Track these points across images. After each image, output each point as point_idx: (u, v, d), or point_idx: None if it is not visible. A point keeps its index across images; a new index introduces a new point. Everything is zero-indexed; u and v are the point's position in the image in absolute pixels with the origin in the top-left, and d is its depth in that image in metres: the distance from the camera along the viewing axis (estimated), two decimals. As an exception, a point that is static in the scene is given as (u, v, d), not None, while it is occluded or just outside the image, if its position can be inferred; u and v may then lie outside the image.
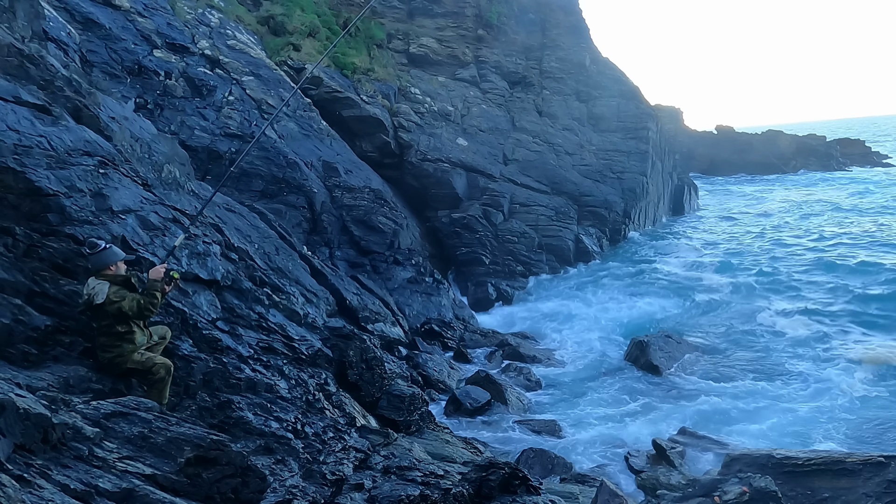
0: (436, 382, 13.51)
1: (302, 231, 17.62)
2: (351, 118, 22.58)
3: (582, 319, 18.24)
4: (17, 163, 6.42)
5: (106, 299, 5.56)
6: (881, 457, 7.59)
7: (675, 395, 12.79)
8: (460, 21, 28.87)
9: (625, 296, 20.24)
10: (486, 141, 26.17)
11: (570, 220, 25.24)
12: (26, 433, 3.60)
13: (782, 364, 14.06)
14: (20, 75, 7.81)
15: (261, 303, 8.60)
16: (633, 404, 12.47)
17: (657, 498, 7.69)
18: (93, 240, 5.93)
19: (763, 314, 17.53)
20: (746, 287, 20.48)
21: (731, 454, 8.51)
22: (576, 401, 12.98)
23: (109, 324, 5.66)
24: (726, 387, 13.04)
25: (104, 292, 5.58)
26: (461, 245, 22.46)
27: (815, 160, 57.07)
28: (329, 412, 7.70)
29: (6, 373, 4.80)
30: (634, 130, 30.14)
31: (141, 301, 5.71)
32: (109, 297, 5.58)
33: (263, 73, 20.68)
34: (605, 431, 11.31)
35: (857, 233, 27.96)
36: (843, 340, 15.33)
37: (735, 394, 12.63)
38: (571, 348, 16.23)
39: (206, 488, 4.38)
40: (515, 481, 6.62)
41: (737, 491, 6.95)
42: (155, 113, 16.96)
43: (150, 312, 5.77)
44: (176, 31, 19.10)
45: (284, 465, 6.23)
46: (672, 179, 37.53)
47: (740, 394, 12.60)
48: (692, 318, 17.80)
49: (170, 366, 5.92)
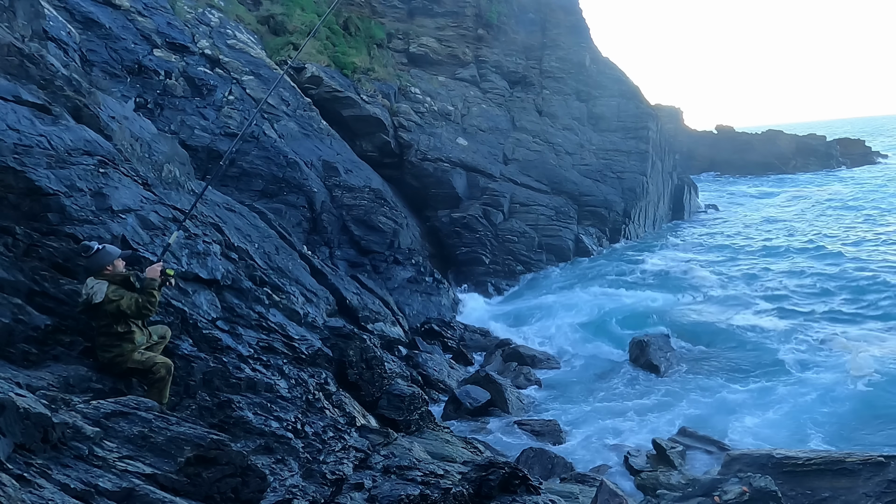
0: (436, 382, 13.52)
1: (302, 231, 17.63)
2: (351, 118, 22.58)
3: (576, 314, 18.19)
4: (17, 162, 6.41)
5: (104, 298, 5.57)
6: (881, 457, 7.59)
7: (676, 395, 12.77)
8: (460, 21, 28.86)
9: (615, 291, 20.22)
10: (485, 140, 26.18)
11: (570, 220, 25.25)
12: (26, 433, 3.60)
13: (781, 362, 14.06)
14: (20, 75, 7.81)
15: (261, 302, 8.60)
16: (632, 403, 12.46)
17: (657, 498, 7.69)
18: (86, 243, 5.88)
19: (754, 314, 17.47)
20: (739, 285, 20.49)
21: (731, 454, 8.50)
22: (575, 400, 12.98)
23: (108, 323, 5.66)
24: (728, 385, 13.03)
25: (102, 291, 5.58)
26: (461, 245, 22.47)
27: (814, 160, 57.05)
28: (329, 412, 7.70)
29: (6, 372, 4.80)
30: (634, 130, 30.13)
31: (139, 300, 5.71)
32: (108, 296, 5.58)
33: (263, 73, 20.68)
34: (605, 431, 11.30)
35: (851, 236, 27.93)
36: (830, 337, 15.35)
37: (735, 392, 12.63)
38: (570, 347, 16.21)
39: (207, 488, 4.38)
40: (515, 481, 6.62)
41: (737, 491, 6.95)
42: (155, 112, 16.96)
43: (148, 312, 5.77)
44: (176, 31, 19.10)
45: (284, 464, 6.23)
46: (672, 179, 37.53)
47: (741, 393, 12.60)
48: (687, 316, 17.77)
49: (170, 365, 5.92)
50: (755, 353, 14.92)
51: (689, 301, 19.30)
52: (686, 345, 15.61)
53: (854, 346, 14.34)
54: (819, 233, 28.88)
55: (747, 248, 26.94)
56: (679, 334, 16.20)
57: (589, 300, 19.63)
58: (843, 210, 34.91)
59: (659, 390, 13.06)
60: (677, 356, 14.74)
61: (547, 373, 14.62)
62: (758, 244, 27.46)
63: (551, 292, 20.95)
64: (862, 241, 26.21)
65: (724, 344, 15.66)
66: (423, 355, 14.46)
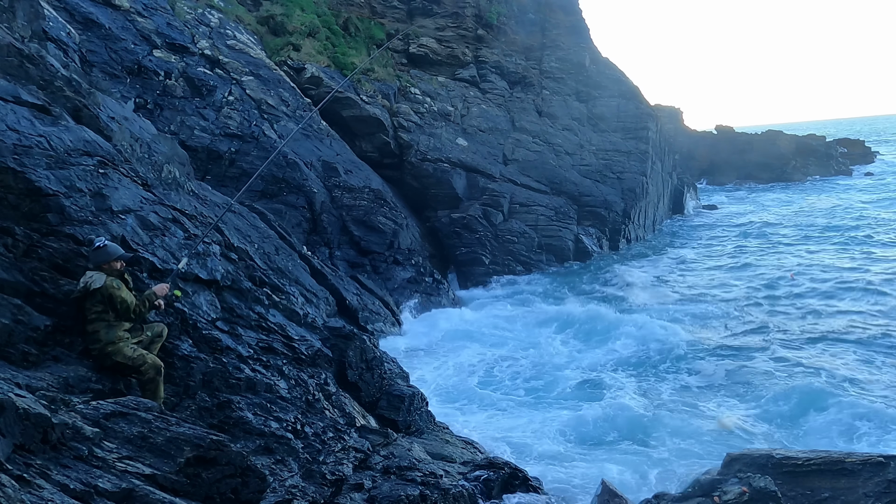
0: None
1: (302, 231, 17.63)
2: (351, 118, 22.60)
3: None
4: (16, 163, 6.41)
5: (104, 285, 5.72)
6: (881, 457, 7.59)
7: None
8: (460, 21, 28.88)
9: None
10: (485, 141, 26.19)
11: (570, 220, 25.25)
12: (26, 433, 3.60)
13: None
14: (20, 75, 7.81)
15: (260, 303, 8.59)
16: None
17: (657, 498, 7.68)
18: (92, 237, 6.16)
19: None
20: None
21: (731, 454, 8.49)
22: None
23: (104, 310, 5.75)
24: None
25: (102, 280, 5.74)
26: (461, 245, 22.47)
27: (814, 160, 57.00)
28: (329, 412, 7.69)
29: (6, 373, 4.80)
30: (634, 130, 30.15)
31: (134, 301, 5.87)
32: (107, 284, 5.74)
33: (263, 73, 20.70)
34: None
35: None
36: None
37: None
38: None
39: (206, 488, 4.38)
40: (515, 481, 6.63)
41: (736, 491, 6.95)
42: (155, 113, 16.97)
43: (135, 315, 5.91)
44: (176, 31, 19.11)
45: (284, 465, 6.23)
46: (672, 179, 37.54)
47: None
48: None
49: (160, 366, 5.92)
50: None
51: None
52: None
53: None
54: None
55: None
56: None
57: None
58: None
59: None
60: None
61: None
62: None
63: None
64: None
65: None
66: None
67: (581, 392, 12.70)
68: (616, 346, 15.26)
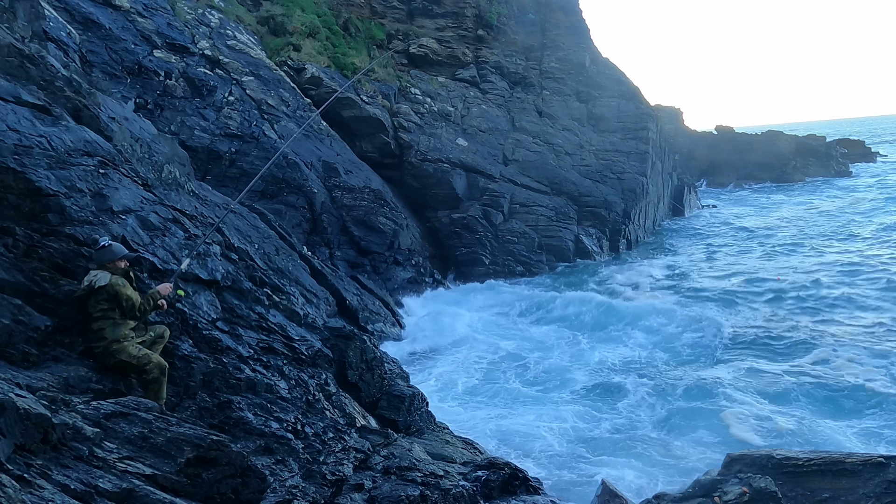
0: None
1: (302, 231, 17.64)
2: (351, 118, 22.60)
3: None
4: (17, 163, 6.41)
5: (108, 283, 5.74)
6: (881, 457, 7.59)
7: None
8: (460, 21, 28.89)
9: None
10: (485, 141, 26.19)
11: (570, 221, 25.26)
12: (26, 433, 3.60)
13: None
14: (20, 75, 7.81)
15: (261, 303, 8.59)
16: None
17: (657, 498, 7.68)
18: (96, 237, 6.23)
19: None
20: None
21: (731, 454, 8.49)
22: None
23: (110, 307, 5.75)
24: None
25: (107, 278, 5.76)
26: (461, 245, 22.48)
27: (814, 161, 57.00)
28: (329, 412, 7.69)
29: (6, 373, 4.79)
30: (634, 131, 30.15)
31: (139, 299, 5.89)
32: (112, 282, 5.76)
33: (263, 74, 20.70)
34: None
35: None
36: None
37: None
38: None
39: (207, 488, 4.38)
40: (515, 481, 6.63)
41: (737, 491, 6.94)
42: (155, 113, 16.98)
43: (139, 314, 5.94)
44: (176, 32, 19.11)
45: (284, 465, 6.23)
46: (672, 180, 37.54)
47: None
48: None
49: (164, 366, 5.93)
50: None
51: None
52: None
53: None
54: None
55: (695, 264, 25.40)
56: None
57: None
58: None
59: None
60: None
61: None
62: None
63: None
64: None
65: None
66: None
67: (581, 392, 12.74)
68: (618, 346, 15.35)
